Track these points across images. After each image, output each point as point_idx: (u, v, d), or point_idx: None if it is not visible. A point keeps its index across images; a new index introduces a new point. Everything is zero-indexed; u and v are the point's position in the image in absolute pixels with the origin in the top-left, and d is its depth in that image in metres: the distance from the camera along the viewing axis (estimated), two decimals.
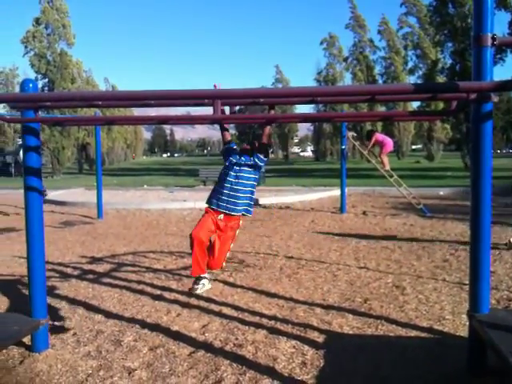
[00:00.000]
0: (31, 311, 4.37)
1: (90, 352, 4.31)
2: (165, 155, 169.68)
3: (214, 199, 4.52)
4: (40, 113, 4.13)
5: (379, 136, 14.08)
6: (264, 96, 3.33)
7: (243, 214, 4.60)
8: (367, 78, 50.94)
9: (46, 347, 4.36)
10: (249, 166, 4.43)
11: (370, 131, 15.14)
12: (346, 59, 53.83)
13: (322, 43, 55.88)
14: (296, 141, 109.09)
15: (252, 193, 4.54)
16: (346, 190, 13.68)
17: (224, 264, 4.79)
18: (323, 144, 60.36)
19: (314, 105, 43.04)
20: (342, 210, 13.26)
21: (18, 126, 38.71)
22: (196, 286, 4.63)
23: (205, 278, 4.64)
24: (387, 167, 13.39)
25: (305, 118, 4.15)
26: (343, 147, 13.88)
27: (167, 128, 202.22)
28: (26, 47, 38.25)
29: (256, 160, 4.44)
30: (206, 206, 4.60)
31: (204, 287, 4.66)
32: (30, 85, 4.15)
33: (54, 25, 37.81)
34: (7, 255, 8.58)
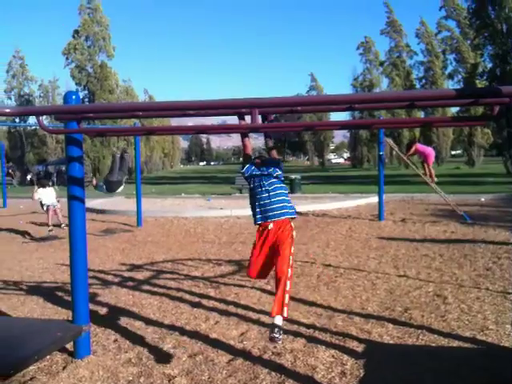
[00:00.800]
0: (74, 318, 4.47)
1: (130, 359, 4.37)
2: (201, 163, 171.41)
3: (258, 215, 4.34)
4: (82, 124, 4.26)
5: (420, 147, 13.89)
6: (301, 104, 3.33)
7: (291, 218, 4.43)
8: (404, 83, 50.25)
9: (88, 353, 4.45)
10: (271, 175, 4.40)
11: (410, 141, 15.06)
12: (382, 64, 53.29)
13: (358, 48, 55.58)
14: (332, 147, 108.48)
15: (286, 195, 4.43)
16: (384, 196, 13.49)
17: (290, 271, 4.10)
18: (360, 150, 59.76)
19: (350, 112, 42.79)
20: (380, 217, 13.07)
21: (60, 136, 39.83)
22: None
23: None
24: (434, 179, 13.39)
25: (342, 126, 4.14)
26: (381, 153, 13.71)
27: (203, 137, 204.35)
28: (67, 59, 39.46)
29: (274, 169, 4.41)
30: (259, 222, 4.34)
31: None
32: (73, 97, 4.28)
33: (95, 37, 38.86)
34: (50, 263, 8.83)
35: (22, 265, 8.78)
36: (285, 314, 3.91)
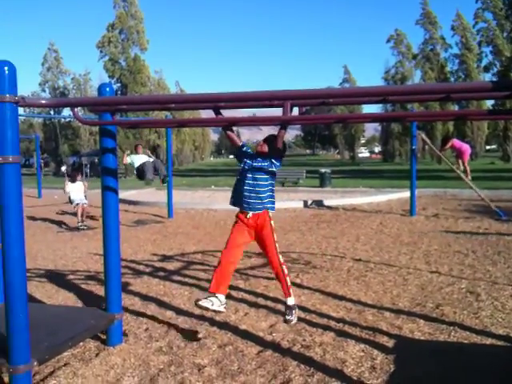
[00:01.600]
0: (107, 306, 4.57)
1: (161, 347, 4.44)
2: (231, 156, 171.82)
3: (239, 201, 4.46)
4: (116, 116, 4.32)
5: (456, 143, 13.57)
6: (334, 96, 3.30)
7: (268, 210, 4.49)
8: (438, 76, 49.25)
9: (120, 341, 4.54)
10: (265, 168, 4.41)
11: (446, 137, 14.75)
12: (415, 57, 52.34)
13: (389, 41, 54.66)
14: (363, 141, 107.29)
15: (272, 191, 4.49)
16: (416, 191, 13.29)
17: (284, 266, 4.53)
18: (391, 144, 58.95)
19: (382, 104, 42.23)
20: (411, 212, 12.89)
21: (93, 128, 40.46)
22: (204, 300, 4.29)
23: (218, 299, 4.32)
24: (469, 176, 13.12)
25: (374, 118, 4.09)
26: (413, 147, 13.49)
27: (234, 130, 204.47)
28: (101, 52, 40.05)
29: (272, 162, 4.41)
30: (234, 206, 4.54)
31: (211, 306, 4.28)
32: (107, 89, 4.35)
33: (129, 31, 39.32)
34: (84, 252, 9.03)
35: (56, 254, 9.00)
36: (292, 293, 4.49)
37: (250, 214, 4.42)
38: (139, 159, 12.86)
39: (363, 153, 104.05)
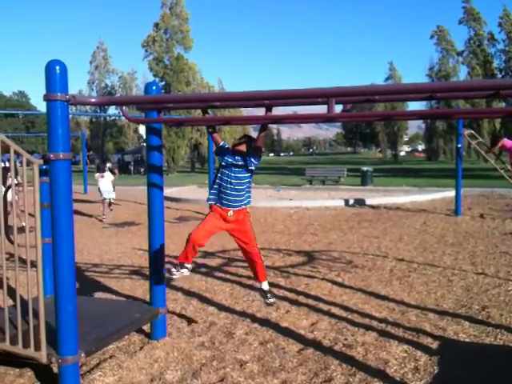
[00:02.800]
0: (151, 300, 4.66)
1: (203, 342, 4.50)
2: (271, 154, 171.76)
3: (219, 198, 4.50)
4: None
5: (507, 142, 12.99)
6: (380, 93, 3.26)
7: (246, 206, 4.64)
8: (485, 72, 47.82)
9: (164, 335, 4.63)
10: (243, 165, 4.44)
11: (496, 136, 14.17)
12: (460, 53, 51.03)
13: (432, 37, 53.47)
14: (406, 139, 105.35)
15: (249, 187, 4.62)
16: (462, 191, 12.96)
17: (257, 247, 4.71)
18: (435, 142, 57.66)
19: (426, 102, 41.32)
20: (456, 212, 12.58)
21: (137, 126, 41.14)
22: (175, 270, 4.49)
23: (186, 267, 4.53)
24: None
25: (421, 115, 4.01)
26: (459, 146, 13.16)
27: (274, 128, 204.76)
28: (146, 51, 40.76)
29: (251, 160, 4.42)
30: (212, 203, 4.54)
31: (182, 274, 4.52)
32: (154, 87, 4.43)
33: (173, 30, 39.85)
34: (128, 247, 9.22)
35: (101, 249, 9.23)
36: (266, 278, 4.74)
37: (231, 211, 4.49)
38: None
39: (405, 151, 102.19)
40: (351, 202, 15.53)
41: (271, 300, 4.69)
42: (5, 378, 3.80)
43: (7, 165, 9.29)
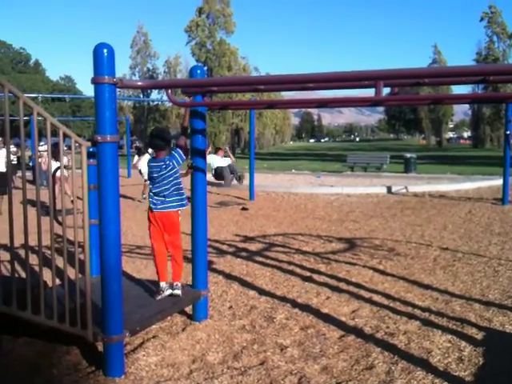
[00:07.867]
0: (193, 283, 4.72)
1: (244, 326, 4.53)
2: (311, 140, 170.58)
3: (150, 200, 4.57)
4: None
5: None
6: (430, 76, 3.15)
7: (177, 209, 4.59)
8: None
9: (205, 317, 4.68)
10: (164, 166, 4.44)
11: None
12: (511, 36, 49.05)
13: (482, 19, 51.50)
14: (451, 126, 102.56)
15: (178, 189, 4.53)
16: (510, 179, 12.52)
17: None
18: (482, 129, 55.91)
19: (472, 86, 40.03)
20: (503, 201, 12.18)
21: (180, 111, 41.55)
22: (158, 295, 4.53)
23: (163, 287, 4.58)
24: None
25: (472, 99, 3.87)
26: (507, 132, 12.69)
27: (315, 113, 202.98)
28: (189, 36, 40.97)
29: (170, 162, 4.43)
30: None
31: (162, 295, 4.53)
32: (198, 71, 4.43)
33: (216, 14, 39.89)
34: None
35: (145, 231, 9.27)
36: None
37: (163, 214, 4.51)
38: (218, 162, 15.55)
39: (450, 137, 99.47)
40: (394, 189, 15.26)
41: (177, 291, 4.55)
42: (53, 355, 3.93)
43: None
